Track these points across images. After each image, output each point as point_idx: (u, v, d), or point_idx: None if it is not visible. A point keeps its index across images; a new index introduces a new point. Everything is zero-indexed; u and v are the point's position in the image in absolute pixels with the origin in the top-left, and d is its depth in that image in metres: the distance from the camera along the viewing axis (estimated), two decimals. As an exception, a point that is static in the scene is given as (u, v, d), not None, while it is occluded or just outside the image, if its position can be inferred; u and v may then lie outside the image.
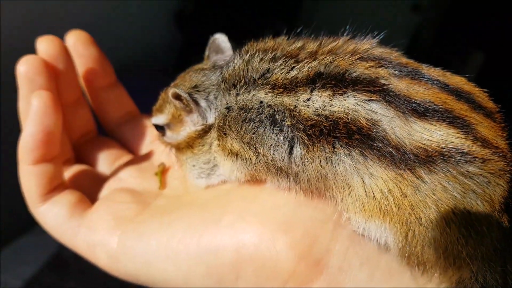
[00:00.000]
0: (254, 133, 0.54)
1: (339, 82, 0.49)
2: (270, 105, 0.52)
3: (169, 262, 0.56)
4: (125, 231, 0.60)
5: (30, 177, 0.61)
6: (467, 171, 0.45)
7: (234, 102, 0.57)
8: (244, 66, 0.58)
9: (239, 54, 0.61)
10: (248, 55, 0.59)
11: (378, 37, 0.57)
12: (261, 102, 0.53)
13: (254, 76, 0.56)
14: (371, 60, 0.50)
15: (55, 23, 1.89)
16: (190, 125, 0.64)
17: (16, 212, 2.10)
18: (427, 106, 0.46)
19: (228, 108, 0.58)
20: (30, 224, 2.15)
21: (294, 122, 0.50)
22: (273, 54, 0.57)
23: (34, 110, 0.57)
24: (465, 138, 0.45)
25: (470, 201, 0.45)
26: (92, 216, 0.63)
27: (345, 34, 0.59)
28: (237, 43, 0.67)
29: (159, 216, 0.60)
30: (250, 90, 0.56)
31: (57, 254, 2.04)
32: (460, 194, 0.45)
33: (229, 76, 0.60)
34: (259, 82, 0.55)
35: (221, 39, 0.69)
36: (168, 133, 0.68)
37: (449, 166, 0.45)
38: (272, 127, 0.52)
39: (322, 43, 0.56)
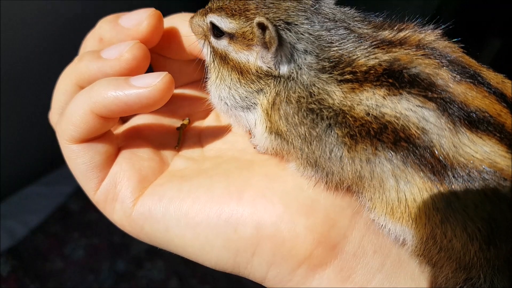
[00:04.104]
0: (313, 128, 0.51)
1: (396, 81, 0.47)
2: (333, 107, 0.50)
3: (188, 230, 0.56)
4: (145, 193, 0.59)
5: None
6: (503, 195, 0.44)
7: (312, 86, 0.51)
8: (350, 54, 0.51)
9: (356, 38, 0.52)
10: (360, 41, 0.52)
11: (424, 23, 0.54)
12: (333, 104, 0.50)
13: (345, 66, 0.50)
14: (434, 57, 0.48)
15: (55, 22, 1.87)
16: (257, 58, 0.55)
17: (24, 161, 2.12)
18: (481, 116, 0.45)
19: (304, 87, 0.52)
20: (38, 173, 2.19)
21: (343, 128, 0.49)
22: (371, 42, 0.51)
23: None
24: (510, 159, 0.44)
25: (497, 219, 0.45)
26: (115, 169, 0.60)
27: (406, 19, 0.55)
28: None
29: (178, 182, 0.59)
30: (333, 82, 0.50)
31: (63, 205, 2.08)
32: (489, 214, 0.45)
33: (332, 57, 0.51)
34: (345, 70, 0.50)
35: None
36: (224, 41, 0.58)
37: (486, 189, 0.44)
38: (326, 133, 0.51)
39: (395, 33, 0.52)
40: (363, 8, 0.58)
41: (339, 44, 0.52)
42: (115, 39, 0.60)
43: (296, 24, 0.53)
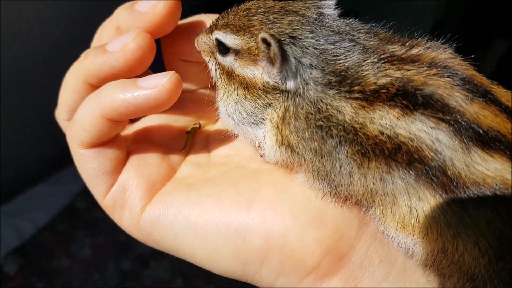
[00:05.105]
0: (323, 143, 0.51)
1: (410, 103, 0.47)
2: (344, 124, 0.50)
3: (196, 240, 0.56)
4: (153, 200, 0.59)
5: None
6: None
7: (319, 102, 0.51)
8: (357, 67, 0.51)
9: (362, 50, 0.52)
10: (366, 54, 0.52)
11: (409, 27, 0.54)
12: (343, 121, 0.50)
13: (353, 81, 0.50)
14: (447, 76, 0.48)
15: (56, 20, 1.90)
16: (264, 73, 0.55)
17: (32, 160, 2.14)
18: (492, 135, 0.46)
19: (312, 103, 0.52)
20: (45, 173, 2.21)
21: (354, 145, 0.49)
22: (380, 56, 0.51)
23: None
24: None
25: (508, 235, 0.46)
26: (124, 175, 0.60)
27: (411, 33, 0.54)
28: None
29: (186, 190, 0.59)
30: (342, 98, 0.50)
31: (69, 204, 2.10)
32: (500, 230, 0.46)
33: (337, 70, 0.51)
34: (353, 88, 0.50)
35: None
36: (230, 57, 0.58)
37: (498, 205, 0.45)
38: (336, 149, 0.51)
39: (408, 49, 0.52)
40: (370, 15, 0.57)
41: (345, 57, 0.52)
42: (132, 26, 0.59)
43: (301, 38, 0.53)
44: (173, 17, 0.58)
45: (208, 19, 0.64)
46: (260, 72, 0.56)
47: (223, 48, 0.59)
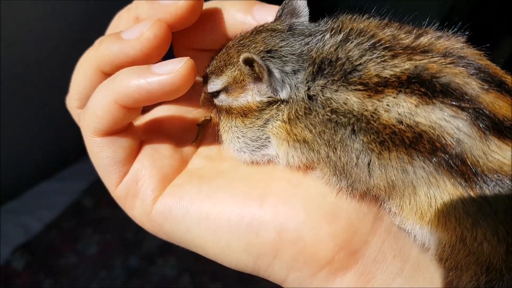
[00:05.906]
0: (335, 134, 0.51)
1: (428, 91, 0.47)
2: (353, 113, 0.50)
3: (208, 233, 0.56)
4: (165, 192, 0.59)
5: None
6: None
7: (321, 94, 0.52)
8: (337, 49, 0.52)
9: (331, 31, 0.54)
10: (342, 34, 0.53)
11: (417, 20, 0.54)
12: (352, 110, 0.50)
13: (346, 68, 0.50)
14: (462, 66, 0.48)
15: (55, 22, 1.90)
16: (254, 94, 0.57)
17: (39, 157, 2.15)
18: (508, 125, 0.46)
19: (311, 98, 0.52)
20: (52, 170, 2.22)
21: (369, 134, 0.49)
22: (371, 41, 0.51)
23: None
24: None
25: None
26: (137, 165, 0.60)
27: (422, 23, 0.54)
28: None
29: (198, 182, 0.59)
30: (340, 87, 0.51)
31: (77, 201, 2.11)
32: None
33: (318, 57, 0.53)
34: (351, 79, 0.50)
35: (299, 2, 0.59)
36: (223, 96, 0.60)
37: None
38: (351, 139, 0.51)
39: (415, 38, 0.52)
40: (374, 14, 0.57)
41: (318, 47, 0.54)
42: (152, 18, 0.58)
43: (277, 50, 0.55)
44: (195, 12, 0.58)
45: (220, 5, 0.63)
46: (251, 95, 0.57)
47: (216, 93, 0.61)
